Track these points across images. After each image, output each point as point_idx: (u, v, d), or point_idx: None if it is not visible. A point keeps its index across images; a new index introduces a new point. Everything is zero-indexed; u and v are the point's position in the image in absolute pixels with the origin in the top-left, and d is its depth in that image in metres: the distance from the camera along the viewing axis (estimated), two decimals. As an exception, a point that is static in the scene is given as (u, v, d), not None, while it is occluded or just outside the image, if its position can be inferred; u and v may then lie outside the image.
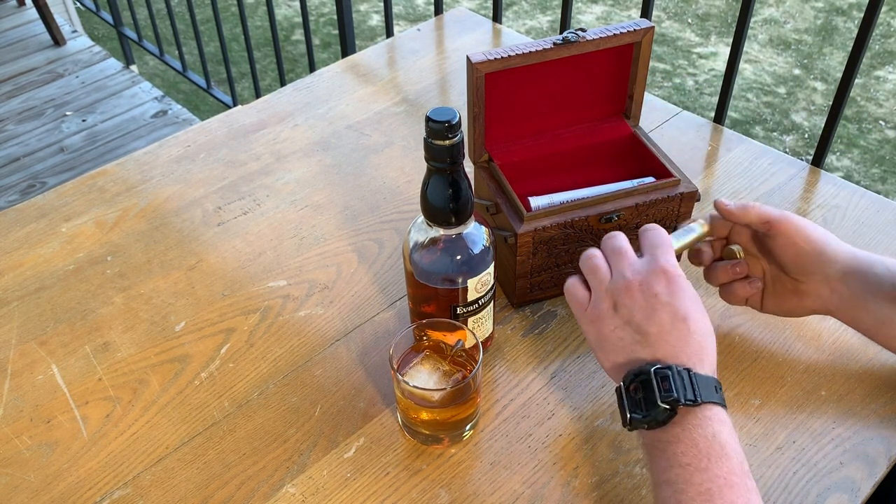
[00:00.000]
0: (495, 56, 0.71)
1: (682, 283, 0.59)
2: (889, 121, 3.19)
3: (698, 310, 0.58)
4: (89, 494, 0.66)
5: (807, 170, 0.96)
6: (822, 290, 0.68)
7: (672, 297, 0.58)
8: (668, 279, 0.59)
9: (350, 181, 0.97)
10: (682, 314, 0.58)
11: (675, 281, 0.59)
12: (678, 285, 0.59)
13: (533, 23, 3.88)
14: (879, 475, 0.65)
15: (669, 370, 0.56)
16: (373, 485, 0.65)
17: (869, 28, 0.90)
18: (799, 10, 3.87)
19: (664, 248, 0.61)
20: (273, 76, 3.45)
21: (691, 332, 0.57)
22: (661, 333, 0.58)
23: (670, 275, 0.59)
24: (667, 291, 0.58)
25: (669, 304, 0.58)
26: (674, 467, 0.54)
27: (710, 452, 0.54)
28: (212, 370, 0.75)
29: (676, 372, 0.55)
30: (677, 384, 0.55)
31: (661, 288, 0.58)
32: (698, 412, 0.55)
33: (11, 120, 2.21)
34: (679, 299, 0.58)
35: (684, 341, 0.57)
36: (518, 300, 0.79)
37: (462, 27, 1.25)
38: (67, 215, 0.93)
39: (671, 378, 0.55)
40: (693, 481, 0.53)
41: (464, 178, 0.62)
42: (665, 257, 0.60)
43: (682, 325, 0.57)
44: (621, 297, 0.59)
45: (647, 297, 0.58)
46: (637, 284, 0.59)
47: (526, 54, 0.72)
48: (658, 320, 0.58)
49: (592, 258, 0.62)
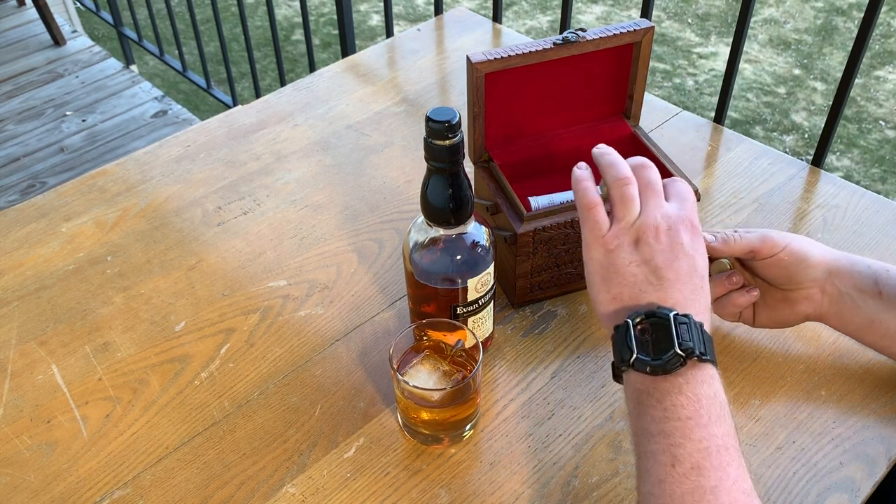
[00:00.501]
0: (495, 56, 0.71)
1: (702, 242, 0.59)
2: (889, 121, 3.19)
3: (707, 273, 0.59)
4: (89, 494, 0.66)
5: (807, 170, 0.96)
6: (813, 293, 0.69)
7: (695, 251, 0.57)
8: (694, 233, 0.58)
9: (350, 181, 0.97)
10: (701, 270, 0.57)
11: (699, 238, 0.59)
12: (700, 242, 0.58)
13: (533, 23, 3.88)
14: (879, 475, 0.65)
15: (687, 318, 0.54)
16: (373, 485, 0.65)
17: (869, 28, 0.90)
18: (799, 10, 3.87)
19: (692, 203, 0.60)
20: (273, 76, 3.45)
21: (703, 289, 0.57)
22: (677, 282, 0.56)
23: (696, 229, 0.58)
24: (691, 243, 0.57)
25: (692, 256, 0.57)
26: (671, 419, 0.52)
27: (711, 410, 0.53)
28: (212, 370, 0.75)
29: (693, 322, 0.54)
30: (693, 334, 0.53)
31: (687, 239, 0.57)
32: (705, 368, 0.54)
33: (11, 120, 2.21)
34: (700, 254, 0.58)
35: (697, 294, 0.57)
36: (518, 300, 0.79)
37: (462, 27, 1.25)
38: (67, 215, 0.93)
39: (689, 326, 0.54)
40: (692, 437, 0.52)
41: (464, 178, 0.62)
42: (693, 212, 0.59)
43: (698, 280, 0.57)
44: (647, 236, 0.57)
45: (672, 243, 0.57)
46: (666, 228, 0.57)
47: (526, 54, 0.72)
48: (677, 268, 0.56)
49: (629, 185, 0.59)
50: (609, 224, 0.59)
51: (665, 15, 3.89)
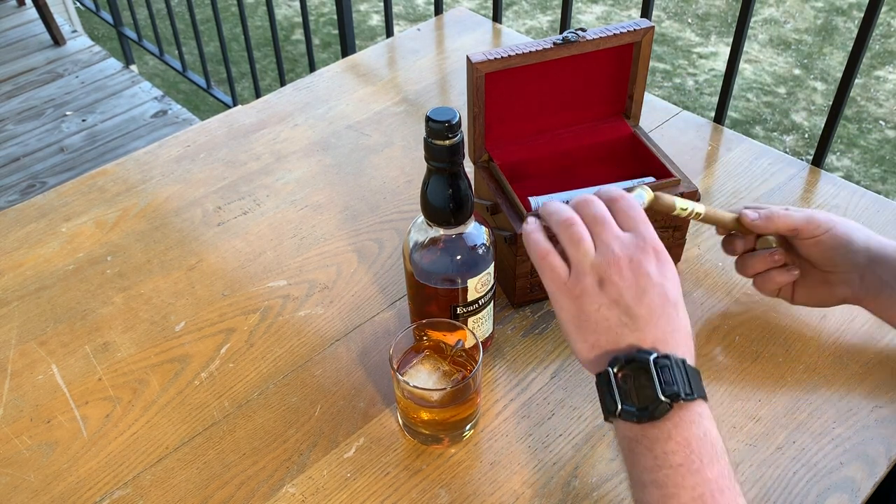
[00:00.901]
0: (495, 56, 0.71)
1: (670, 263, 0.55)
2: (889, 121, 3.19)
3: (681, 295, 0.55)
4: (89, 494, 0.66)
5: (807, 170, 0.96)
6: (852, 277, 0.69)
7: (663, 279, 0.54)
8: (659, 258, 0.54)
9: (350, 181, 0.97)
10: (673, 298, 0.54)
11: (665, 261, 0.55)
12: (667, 266, 0.55)
13: (533, 23, 3.88)
14: (879, 475, 0.65)
15: (668, 360, 0.52)
16: (373, 485, 0.65)
17: (869, 28, 0.90)
18: (799, 10, 3.87)
19: (643, 220, 0.56)
20: (273, 76, 3.45)
21: (679, 317, 0.54)
22: (651, 317, 0.53)
23: (660, 254, 0.55)
24: (658, 272, 0.54)
25: (661, 285, 0.54)
26: (663, 468, 0.50)
27: (703, 452, 0.50)
28: (212, 370, 0.75)
29: (674, 362, 0.51)
30: (676, 376, 0.51)
31: (653, 267, 0.54)
32: (692, 407, 0.51)
33: (11, 120, 2.21)
34: (669, 280, 0.54)
35: (673, 327, 0.53)
36: (518, 300, 0.79)
37: (462, 27, 1.25)
38: (67, 215, 0.93)
39: (671, 369, 0.51)
40: (685, 484, 0.50)
41: (464, 178, 0.62)
42: (651, 232, 0.55)
43: (671, 310, 0.54)
44: (609, 274, 0.54)
45: (637, 275, 0.53)
46: (627, 261, 0.54)
47: (526, 54, 0.72)
48: (649, 302, 0.53)
49: (573, 226, 0.55)
50: (568, 270, 0.56)
51: (665, 15, 3.89)
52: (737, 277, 0.82)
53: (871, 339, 0.76)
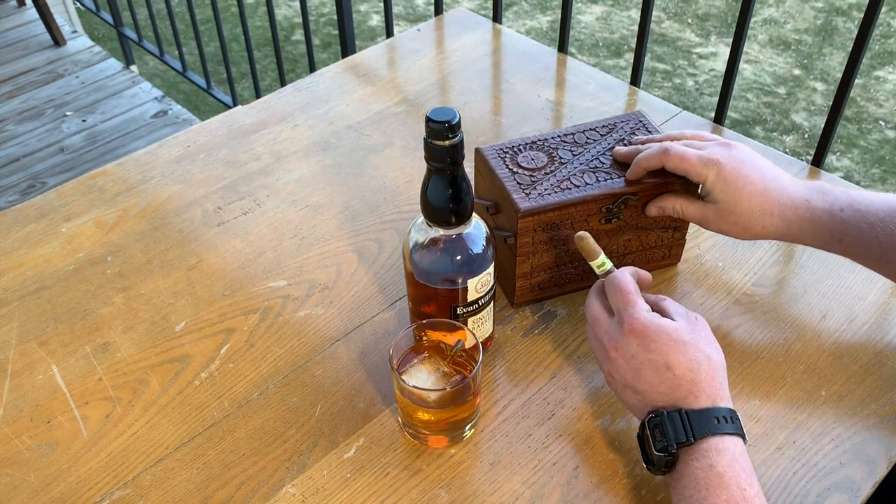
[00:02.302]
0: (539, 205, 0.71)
1: (652, 334, 0.60)
2: (889, 121, 3.19)
3: (679, 350, 0.59)
4: (89, 495, 0.66)
5: (807, 170, 0.96)
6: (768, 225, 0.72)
7: (648, 353, 0.60)
8: (639, 337, 0.60)
9: (350, 181, 0.97)
10: (663, 364, 0.59)
11: (645, 335, 0.60)
12: (650, 338, 0.60)
13: (533, 23, 3.88)
14: (879, 475, 0.65)
15: (660, 417, 0.59)
16: (373, 485, 0.65)
17: (869, 28, 0.90)
18: (799, 10, 3.87)
19: (626, 302, 0.62)
20: (273, 76, 3.45)
21: (677, 376, 0.59)
22: (652, 387, 0.60)
23: (638, 332, 0.60)
24: (641, 349, 0.60)
25: (648, 359, 0.60)
26: (680, 501, 0.57)
27: (708, 483, 0.55)
28: (212, 370, 0.75)
29: (667, 417, 0.58)
30: (668, 429, 0.58)
31: (635, 348, 0.60)
32: (696, 447, 0.57)
33: (11, 120, 2.21)
34: (655, 352, 0.60)
35: (674, 386, 0.59)
36: (518, 300, 0.79)
37: (462, 27, 1.25)
38: (67, 215, 0.93)
39: (662, 424, 0.58)
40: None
41: (464, 179, 0.62)
42: (630, 313, 0.61)
43: (667, 374, 0.59)
44: (609, 367, 0.63)
45: (626, 360, 0.61)
46: (614, 352, 0.62)
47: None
48: (645, 378, 0.60)
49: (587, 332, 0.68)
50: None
51: (665, 15, 3.89)
52: (737, 277, 0.82)
53: (871, 339, 0.76)
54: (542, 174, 0.74)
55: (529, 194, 0.72)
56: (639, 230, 0.77)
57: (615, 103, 1.07)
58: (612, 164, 0.76)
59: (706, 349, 0.60)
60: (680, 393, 0.59)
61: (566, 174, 0.74)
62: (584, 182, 0.74)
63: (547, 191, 0.73)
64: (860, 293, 0.80)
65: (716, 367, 0.60)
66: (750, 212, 0.70)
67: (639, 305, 0.62)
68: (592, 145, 0.78)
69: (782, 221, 0.70)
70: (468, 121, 1.05)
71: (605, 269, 0.67)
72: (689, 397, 0.59)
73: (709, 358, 0.60)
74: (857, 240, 0.68)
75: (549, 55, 1.18)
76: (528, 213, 0.71)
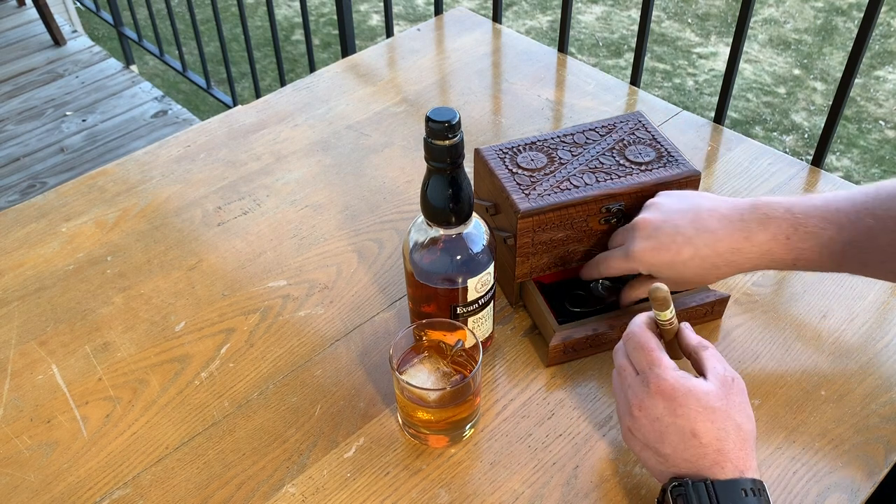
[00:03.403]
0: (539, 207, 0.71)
1: (680, 397, 0.57)
2: (889, 121, 3.19)
3: (708, 417, 0.57)
4: (89, 494, 0.66)
5: (807, 170, 0.96)
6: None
7: (675, 417, 0.57)
8: (665, 399, 0.57)
9: (350, 181, 0.97)
10: (690, 430, 0.56)
11: (673, 398, 0.57)
12: (677, 402, 0.57)
13: (533, 23, 3.88)
14: (879, 475, 0.65)
15: (684, 487, 0.55)
16: (373, 485, 0.65)
17: (869, 28, 0.90)
18: (799, 10, 3.87)
19: (651, 362, 0.59)
20: (273, 76, 3.45)
21: (703, 444, 0.56)
22: (676, 452, 0.57)
23: (666, 394, 0.57)
24: (668, 412, 0.57)
25: (674, 423, 0.57)
26: None
27: None
28: (212, 370, 0.75)
29: (692, 487, 0.55)
30: (692, 500, 0.55)
31: (661, 410, 0.57)
32: None
33: (11, 120, 2.21)
34: (682, 417, 0.57)
35: (699, 455, 0.56)
36: (518, 300, 0.79)
37: (462, 27, 1.25)
38: (67, 215, 0.93)
39: (687, 495, 0.55)
40: None
41: (464, 178, 0.62)
42: (656, 373, 0.58)
43: (692, 442, 0.56)
44: (630, 424, 0.60)
45: (650, 421, 0.58)
46: (638, 410, 0.59)
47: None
48: (670, 441, 0.57)
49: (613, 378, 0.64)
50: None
51: (665, 15, 3.89)
52: (737, 277, 0.82)
53: (871, 339, 0.76)
54: (541, 174, 0.74)
55: (529, 195, 0.72)
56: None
57: (615, 103, 1.07)
58: (611, 165, 0.76)
59: (737, 417, 0.57)
60: (705, 462, 0.56)
61: (566, 174, 0.74)
62: (583, 182, 0.74)
63: (546, 191, 0.73)
64: (860, 293, 0.80)
65: (745, 437, 0.57)
66: (701, 274, 0.68)
67: (664, 364, 0.59)
68: (592, 146, 0.78)
69: (732, 268, 0.68)
70: (468, 121, 1.05)
71: (670, 321, 0.62)
72: (714, 467, 0.56)
73: (738, 428, 0.57)
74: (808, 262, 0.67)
75: (549, 55, 1.18)
76: (528, 213, 0.71)
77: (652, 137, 0.78)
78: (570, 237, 0.74)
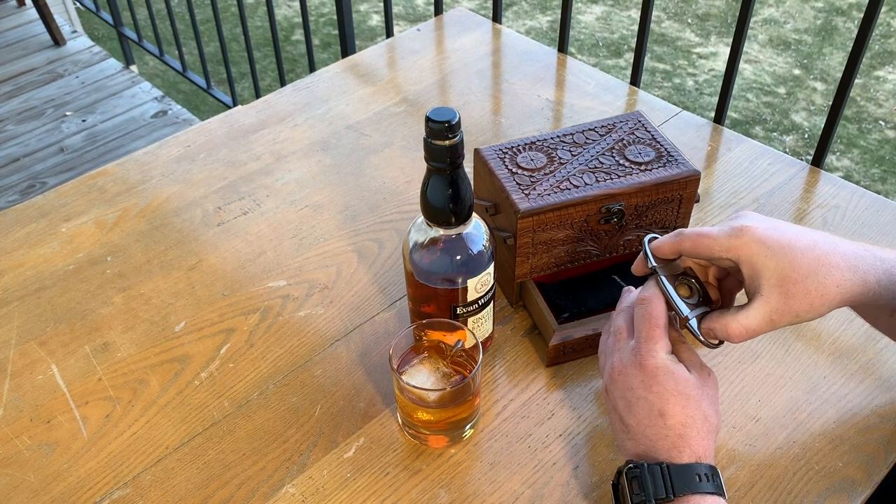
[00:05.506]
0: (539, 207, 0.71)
1: (661, 376, 0.57)
2: (889, 121, 3.19)
3: (680, 401, 0.57)
4: (89, 494, 0.66)
5: (807, 170, 0.96)
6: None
7: (648, 392, 0.57)
8: (645, 374, 0.58)
9: (350, 181, 0.97)
10: (658, 409, 0.57)
11: (653, 375, 0.57)
12: (656, 379, 0.57)
13: (533, 23, 3.88)
14: (879, 475, 0.65)
15: (640, 469, 0.56)
16: (373, 485, 0.65)
17: (869, 28, 0.90)
18: (799, 10, 3.87)
19: (650, 336, 0.58)
20: (273, 76, 3.45)
21: (668, 426, 0.57)
22: (639, 427, 0.58)
23: (647, 369, 0.58)
24: (642, 386, 0.58)
25: (645, 398, 0.58)
26: None
27: None
28: (212, 370, 0.75)
29: (648, 469, 0.56)
30: (647, 483, 0.55)
31: (637, 382, 0.58)
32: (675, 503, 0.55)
33: (11, 120, 2.21)
34: (655, 394, 0.57)
35: (661, 436, 0.57)
36: (518, 300, 0.79)
37: (462, 27, 1.25)
38: (67, 215, 0.93)
39: (642, 477, 0.56)
40: None
41: (464, 179, 0.62)
42: (647, 348, 0.58)
43: (658, 421, 0.57)
44: (608, 384, 0.61)
45: (624, 389, 0.59)
46: (618, 375, 0.60)
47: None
48: (636, 414, 0.58)
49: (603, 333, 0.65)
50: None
51: (665, 15, 3.89)
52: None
53: (871, 339, 0.76)
54: (541, 174, 0.74)
55: (529, 195, 0.72)
56: (639, 230, 0.77)
57: (615, 103, 1.08)
58: (611, 165, 0.76)
59: (707, 409, 0.58)
60: (664, 444, 0.57)
61: (565, 174, 0.74)
62: (583, 182, 0.74)
63: (546, 191, 0.73)
64: (860, 293, 0.80)
65: (710, 428, 0.58)
66: (816, 270, 0.56)
67: (661, 344, 0.58)
68: (592, 145, 0.78)
69: (854, 273, 0.57)
70: (468, 121, 1.05)
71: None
72: (672, 450, 0.56)
73: (706, 418, 0.57)
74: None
75: (549, 55, 1.18)
76: (528, 213, 0.71)
77: (652, 137, 0.78)
78: (570, 237, 0.74)
